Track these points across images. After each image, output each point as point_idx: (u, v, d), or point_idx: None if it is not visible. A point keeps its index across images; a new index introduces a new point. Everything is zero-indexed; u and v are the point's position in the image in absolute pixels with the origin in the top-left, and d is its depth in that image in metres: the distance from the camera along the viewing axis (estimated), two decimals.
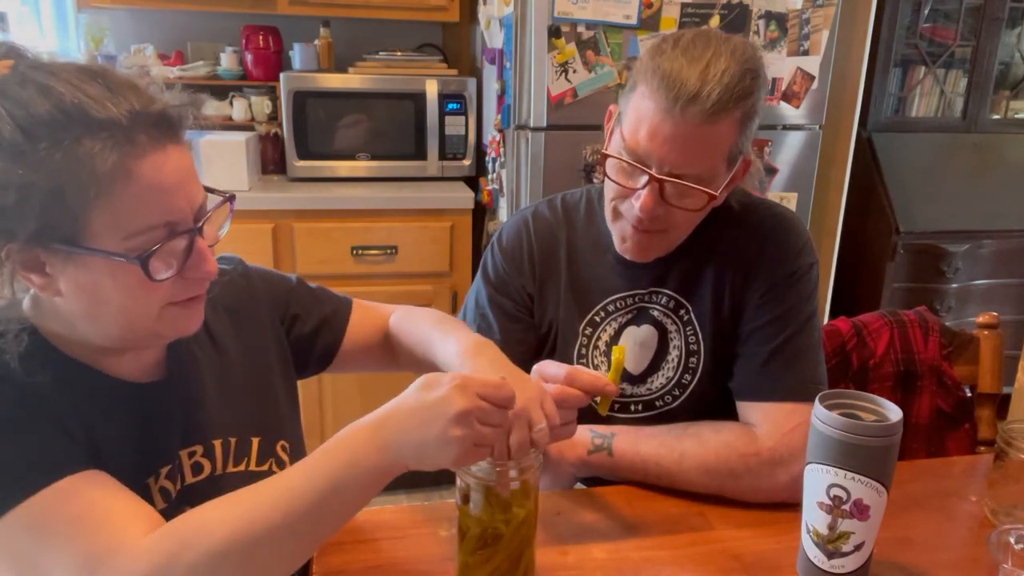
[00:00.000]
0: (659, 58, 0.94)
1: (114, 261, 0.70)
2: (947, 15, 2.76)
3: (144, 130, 0.69)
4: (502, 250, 1.17)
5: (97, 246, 0.69)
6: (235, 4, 2.43)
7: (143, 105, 0.70)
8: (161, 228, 0.71)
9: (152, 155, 0.69)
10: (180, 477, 0.84)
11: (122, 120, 0.68)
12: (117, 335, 0.77)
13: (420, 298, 2.42)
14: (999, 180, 2.80)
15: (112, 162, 0.67)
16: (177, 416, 0.84)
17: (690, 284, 1.10)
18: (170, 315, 0.76)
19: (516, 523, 0.80)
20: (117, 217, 0.68)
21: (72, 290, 0.72)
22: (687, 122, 0.92)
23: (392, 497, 2.57)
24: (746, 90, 0.93)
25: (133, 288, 0.72)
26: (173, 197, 0.71)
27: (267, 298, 1.00)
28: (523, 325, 1.14)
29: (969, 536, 0.97)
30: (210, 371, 0.90)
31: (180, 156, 0.73)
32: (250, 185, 2.35)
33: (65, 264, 0.70)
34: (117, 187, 0.68)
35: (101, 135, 0.67)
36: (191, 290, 0.77)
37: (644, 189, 0.97)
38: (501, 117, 2.26)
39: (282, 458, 0.93)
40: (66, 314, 0.75)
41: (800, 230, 1.10)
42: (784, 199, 2.33)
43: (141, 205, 0.69)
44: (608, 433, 1.05)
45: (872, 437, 0.77)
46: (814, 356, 1.05)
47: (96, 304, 0.73)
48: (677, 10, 2.09)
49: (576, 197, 1.19)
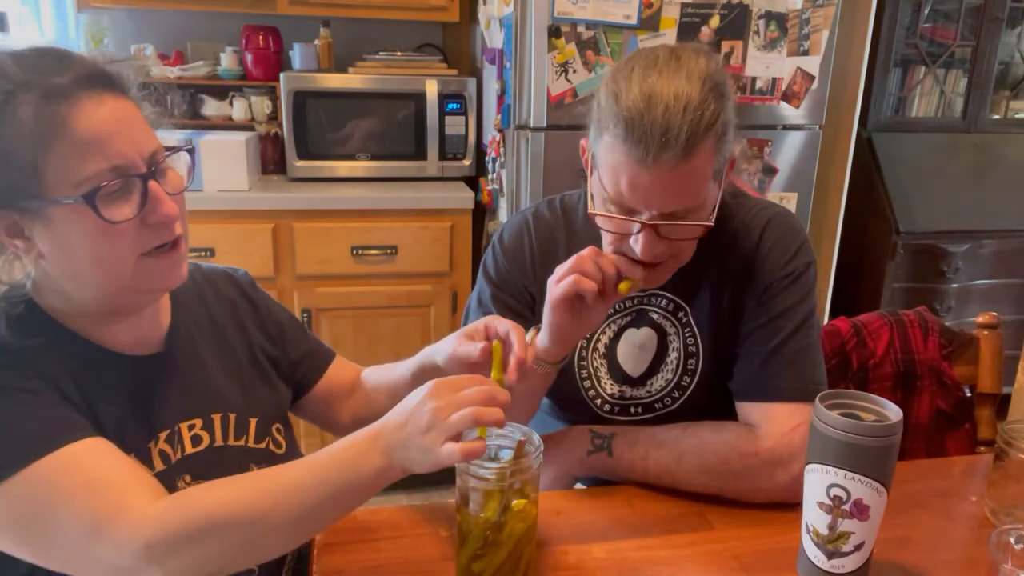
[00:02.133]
0: (616, 104, 0.90)
1: (69, 206, 0.73)
2: (947, 15, 2.76)
3: (79, 85, 0.73)
4: (504, 249, 1.17)
5: (53, 196, 0.73)
6: (235, 4, 2.43)
7: (79, 64, 0.75)
8: (107, 172, 0.73)
9: (86, 103, 0.73)
10: (181, 447, 0.86)
11: (59, 81, 0.72)
12: (104, 295, 0.79)
13: (420, 298, 2.42)
14: (999, 180, 2.80)
15: (48, 112, 0.71)
16: (175, 389, 0.87)
17: (688, 286, 1.10)
18: (147, 268, 0.79)
19: (516, 523, 0.80)
20: (63, 165, 0.72)
21: (49, 249, 0.76)
22: (663, 167, 0.88)
23: (392, 497, 2.57)
24: (713, 114, 0.89)
25: (95, 234, 0.74)
26: (114, 141, 0.74)
27: (267, 311, 1.03)
28: (525, 323, 1.14)
29: (969, 536, 0.97)
30: (210, 351, 0.93)
31: (120, 106, 0.76)
32: (250, 185, 2.35)
33: (34, 222, 0.74)
34: (56, 137, 0.72)
35: (35, 92, 0.71)
36: (158, 236, 0.78)
37: (639, 234, 0.95)
38: (501, 117, 2.26)
39: (278, 439, 0.95)
40: (55, 280, 0.79)
41: (797, 230, 1.09)
42: (784, 199, 2.33)
43: (83, 151, 0.73)
44: (608, 433, 1.05)
45: (872, 437, 0.77)
46: (813, 356, 1.05)
47: (71, 259, 0.76)
48: (677, 10, 2.09)
49: (574, 199, 1.19)
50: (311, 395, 1.06)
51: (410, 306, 2.43)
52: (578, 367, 1.14)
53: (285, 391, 1.03)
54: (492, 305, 1.14)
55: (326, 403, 1.08)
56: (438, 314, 2.45)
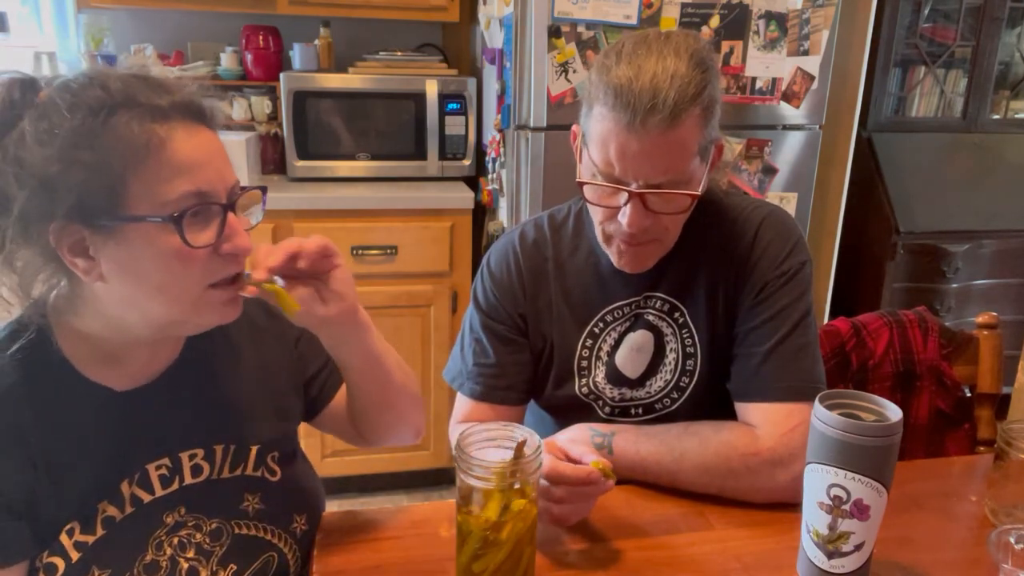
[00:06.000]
0: (607, 75, 0.93)
1: (151, 226, 0.73)
2: (947, 15, 2.76)
3: (177, 111, 0.75)
4: (491, 275, 1.17)
5: (135, 213, 0.72)
6: (235, 4, 2.43)
7: (179, 92, 0.77)
8: (193, 197, 0.74)
9: (183, 129, 0.75)
10: (179, 477, 0.85)
11: (160, 103, 0.74)
12: (158, 319, 0.79)
13: (420, 298, 2.42)
14: (999, 180, 2.80)
15: (147, 131, 0.72)
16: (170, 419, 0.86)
17: (684, 286, 1.10)
18: (211, 299, 0.78)
19: (516, 523, 0.80)
20: (152, 185, 0.72)
21: (114, 270, 0.75)
22: (650, 133, 0.91)
23: (392, 497, 2.57)
24: (700, 84, 0.92)
25: (171, 259, 0.74)
26: (203, 169, 0.75)
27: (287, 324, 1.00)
28: (517, 347, 1.15)
29: (969, 536, 0.97)
30: (221, 375, 0.91)
31: (211, 138, 0.79)
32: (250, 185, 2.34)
33: (106, 241, 0.73)
34: (151, 155, 0.72)
35: (136, 110, 0.73)
36: (229, 267, 0.79)
37: (627, 205, 0.96)
38: (501, 117, 2.26)
39: (272, 467, 0.92)
40: (105, 304, 0.78)
41: (792, 229, 1.10)
42: (784, 199, 2.33)
43: (173, 173, 0.73)
44: (608, 432, 1.05)
45: (872, 437, 0.77)
46: (811, 355, 1.05)
47: (137, 283, 0.76)
48: (677, 10, 2.09)
49: (563, 213, 1.19)
50: (329, 409, 1.04)
51: (410, 306, 2.43)
52: (578, 375, 1.14)
53: (297, 413, 1.00)
54: (483, 333, 1.15)
55: (345, 416, 1.05)
56: (438, 314, 2.45)
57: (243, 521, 0.87)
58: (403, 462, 2.54)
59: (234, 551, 0.86)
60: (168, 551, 0.83)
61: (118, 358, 0.82)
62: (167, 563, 0.82)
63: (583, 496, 0.89)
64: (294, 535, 0.91)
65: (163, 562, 0.82)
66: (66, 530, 0.78)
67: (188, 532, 0.84)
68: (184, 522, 0.84)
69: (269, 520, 0.89)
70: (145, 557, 0.81)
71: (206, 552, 0.85)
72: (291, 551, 0.91)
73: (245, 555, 0.87)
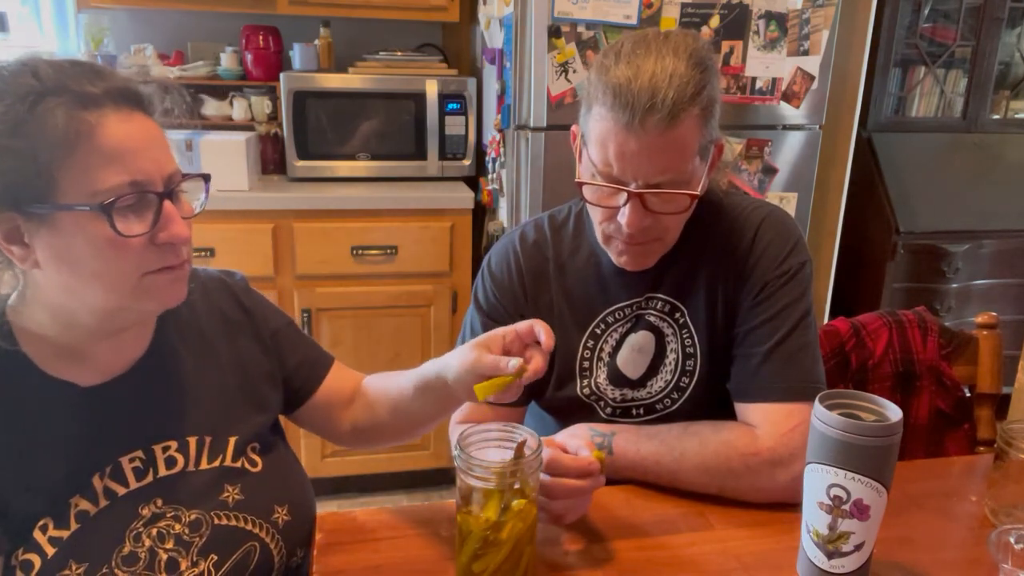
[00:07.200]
0: (606, 75, 0.94)
1: (82, 214, 0.73)
2: (947, 15, 2.76)
3: (110, 98, 0.75)
4: (492, 276, 1.17)
5: (66, 202, 0.72)
6: (235, 4, 2.43)
7: (112, 79, 0.76)
8: (127, 186, 0.74)
9: (116, 116, 0.74)
10: (153, 470, 0.85)
11: (91, 90, 0.73)
12: (99, 306, 0.79)
13: (420, 298, 2.42)
14: (999, 180, 2.80)
15: (74, 118, 0.72)
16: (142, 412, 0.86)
17: (684, 287, 1.10)
18: (150, 284, 0.79)
19: (516, 523, 0.80)
20: (84, 174, 0.72)
21: (49, 258, 0.75)
22: (649, 132, 0.91)
23: (392, 497, 2.57)
24: (699, 84, 0.92)
25: (104, 247, 0.74)
26: (137, 158, 0.75)
27: (262, 319, 1.01)
28: None
29: (969, 536, 0.97)
30: (193, 367, 0.92)
31: (146, 125, 0.78)
32: (250, 185, 2.35)
33: (39, 229, 0.74)
34: (80, 143, 0.72)
35: (65, 97, 0.72)
36: (165, 258, 0.79)
37: (626, 206, 0.96)
38: (501, 117, 2.26)
39: (253, 458, 0.93)
40: (46, 292, 0.78)
41: (791, 229, 1.10)
42: (784, 199, 2.33)
43: (105, 161, 0.73)
44: (608, 432, 1.05)
45: (872, 437, 0.77)
46: (810, 355, 1.05)
47: (72, 270, 0.76)
48: (677, 10, 2.09)
49: (563, 213, 1.19)
50: (309, 404, 1.04)
51: (410, 306, 2.43)
52: (580, 376, 1.14)
53: (275, 405, 1.00)
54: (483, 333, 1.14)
55: (325, 412, 1.05)
56: (438, 314, 2.45)
57: (223, 512, 0.87)
58: (403, 462, 2.54)
59: (214, 542, 0.86)
60: (147, 542, 0.82)
61: (81, 354, 0.83)
62: (146, 554, 0.82)
63: (579, 491, 0.89)
64: (276, 526, 0.90)
65: (142, 553, 0.82)
66: (39, 526, 0.78)
67: (167, 523, 0.84)
68: (162, 513, 0.84)
69: (250, 510, 0.89)
70: (123, 549, 0.81)
71: (185, 543, 0.84)
72: (274, 541, 0.90)
73: (226, 546, 0.86)
